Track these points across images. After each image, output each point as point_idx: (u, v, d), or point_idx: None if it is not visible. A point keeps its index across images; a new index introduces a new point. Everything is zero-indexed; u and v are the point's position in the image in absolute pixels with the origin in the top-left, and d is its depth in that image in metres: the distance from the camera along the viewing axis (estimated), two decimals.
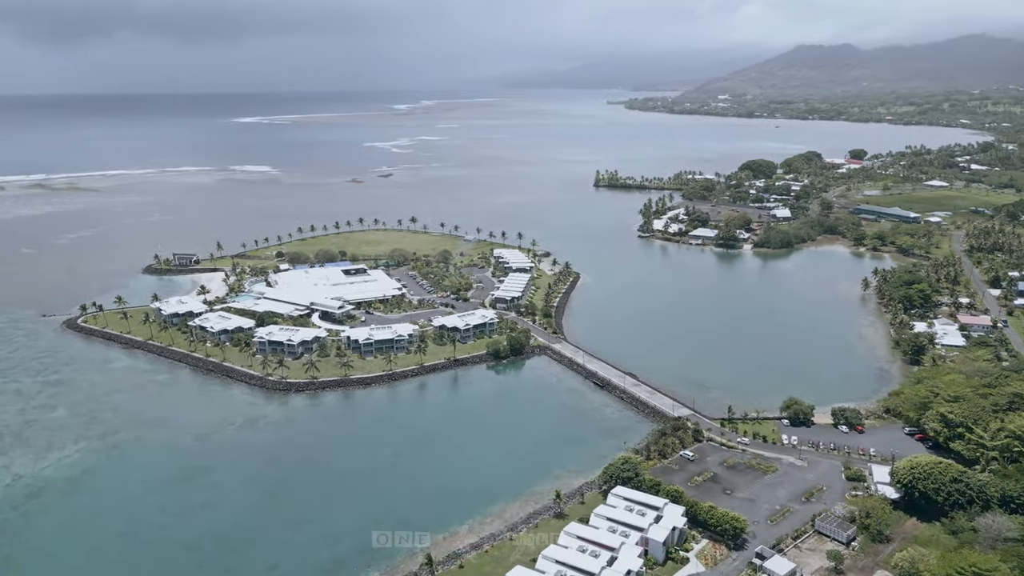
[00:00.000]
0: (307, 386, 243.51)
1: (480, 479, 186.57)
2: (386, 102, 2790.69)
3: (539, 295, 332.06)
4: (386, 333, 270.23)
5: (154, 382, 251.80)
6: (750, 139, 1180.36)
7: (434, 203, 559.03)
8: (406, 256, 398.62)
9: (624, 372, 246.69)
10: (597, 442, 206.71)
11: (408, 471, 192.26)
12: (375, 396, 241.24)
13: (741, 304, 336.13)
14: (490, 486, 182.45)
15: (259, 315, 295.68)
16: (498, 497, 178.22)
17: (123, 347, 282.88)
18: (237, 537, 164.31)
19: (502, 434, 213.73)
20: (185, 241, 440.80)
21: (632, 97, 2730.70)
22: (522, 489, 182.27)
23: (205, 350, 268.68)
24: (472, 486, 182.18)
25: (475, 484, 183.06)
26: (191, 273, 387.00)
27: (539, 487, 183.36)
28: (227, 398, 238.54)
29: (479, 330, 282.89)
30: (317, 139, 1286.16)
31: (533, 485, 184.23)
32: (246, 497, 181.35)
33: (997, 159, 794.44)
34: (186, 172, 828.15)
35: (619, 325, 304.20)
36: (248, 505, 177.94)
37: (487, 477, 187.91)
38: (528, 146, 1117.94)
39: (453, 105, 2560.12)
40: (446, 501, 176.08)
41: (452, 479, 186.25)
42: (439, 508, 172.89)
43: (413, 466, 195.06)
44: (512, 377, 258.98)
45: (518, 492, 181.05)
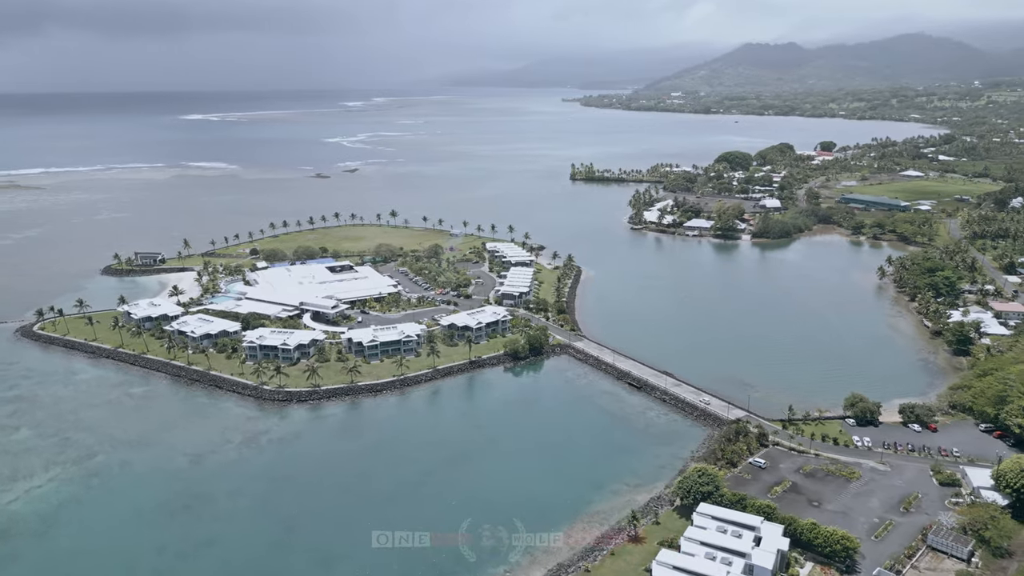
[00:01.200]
0: (309, 395, 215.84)
1: (530, 498, 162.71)
2: (338, 100, 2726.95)
3: (546, 290, 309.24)
4: (392, 334, 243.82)
5: (130, 395, 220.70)
6: (712, 134, 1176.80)
7: (409, 198, 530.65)
8: (393, 252, 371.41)
9: (659, 371, 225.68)
10: (649, 450, 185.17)
11: (443, 492, 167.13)
12: (387, 405, 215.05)
13: (757, 295, 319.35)
14: (544, 506, 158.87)
15: (243, 317, 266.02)
16: (557, 519, 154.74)
17: (89, 356, 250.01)
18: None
19: (541, 444, 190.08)
20: (144, 239, 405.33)
21: (587, 95, 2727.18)
22: (580, 508, 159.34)
23: (187, 357, 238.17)
24: (522, 507, 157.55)
25: (525, 505, 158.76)
26: (157, 273, 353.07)
27: (599, 505, 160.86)
28: (219, 412, 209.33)
29: (491, 329, 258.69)
30: (272, 136, 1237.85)
31: (592, 503, 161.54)
32: (259, 530, 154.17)
33: (963, 150, 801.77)
34: (135, 169, 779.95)
35: (635, 320, 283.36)
36: (262, 539, 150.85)
37: (538, 496, 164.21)
38: (494, 141, 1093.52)
39: (406, 103, 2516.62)
40: (496, 526, 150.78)
41: (496, 500, 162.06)
42: (491, 536, 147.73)
43: (447, 486, 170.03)
44: (535, 379, 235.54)
45: (577, 511, 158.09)
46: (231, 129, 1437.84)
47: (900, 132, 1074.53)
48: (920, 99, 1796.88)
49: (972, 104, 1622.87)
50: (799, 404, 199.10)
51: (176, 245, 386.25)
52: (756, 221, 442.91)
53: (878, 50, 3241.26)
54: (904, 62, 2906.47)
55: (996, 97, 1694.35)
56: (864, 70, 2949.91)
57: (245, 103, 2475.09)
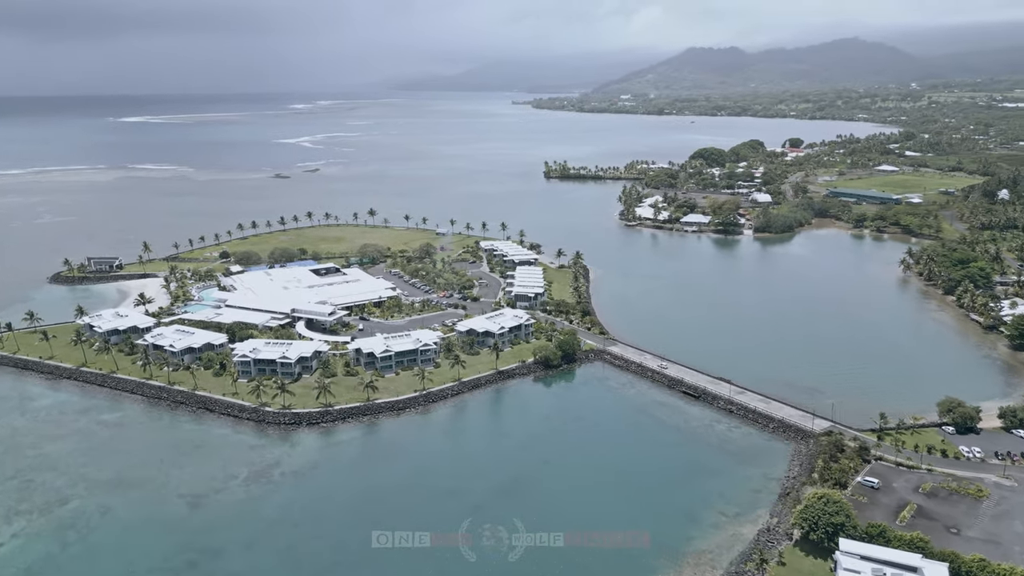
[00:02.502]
0: (321, 417, 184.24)
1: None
2: (282, 103, 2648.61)
3: (558, 290, 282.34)
4: (406, 343, 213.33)
5: (101, 424, 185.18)
6: (672, 133, 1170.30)
7: (382, 197, 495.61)
8: (381, 252, 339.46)
9: (715, 377, 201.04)
10: (734, 471, 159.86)
11: (505, 533, 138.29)
12: (412, 425, 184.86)
13: (781, 292, 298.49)
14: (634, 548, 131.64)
15: (228, 327, 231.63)
16: (655, 563, 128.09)
17: (46, 377, 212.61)
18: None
19: (606, 467, 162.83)
20: (94, 244, 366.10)
21: (537, 98, 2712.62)
22: (680, 546, 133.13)
23: (166, 376, 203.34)
24: (607, 549, 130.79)
25: (611, 547, 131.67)
26: (114, 280, 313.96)
27: (702, 542, 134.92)
28: (214, 440, 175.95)
29: (513, 334, 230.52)
30: (221, 138, 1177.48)
31: (692, 539, 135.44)
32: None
33: (927, 145, 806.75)
34: (74, 171, 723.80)
35: (662, 321, 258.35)
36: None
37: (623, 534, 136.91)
38: (455, 142, 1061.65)
39: (354, 105, 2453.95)
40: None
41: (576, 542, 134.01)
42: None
43: (508, 523, 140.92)
44: (573, 389, 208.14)
45: (677, 552, 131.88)
46: (176, 131, 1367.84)
47: (853, 131, 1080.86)
48: (864, 100, 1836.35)
49: (915, 104, 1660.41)
50: (876, 411, 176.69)
51: (132, 249, 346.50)
52: (754, 216, 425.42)
53: (815, 54, 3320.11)
54: (840, 66, 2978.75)
55: (937, 98, 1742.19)
56: (803, 73, 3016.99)
57: (185, 106, 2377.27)
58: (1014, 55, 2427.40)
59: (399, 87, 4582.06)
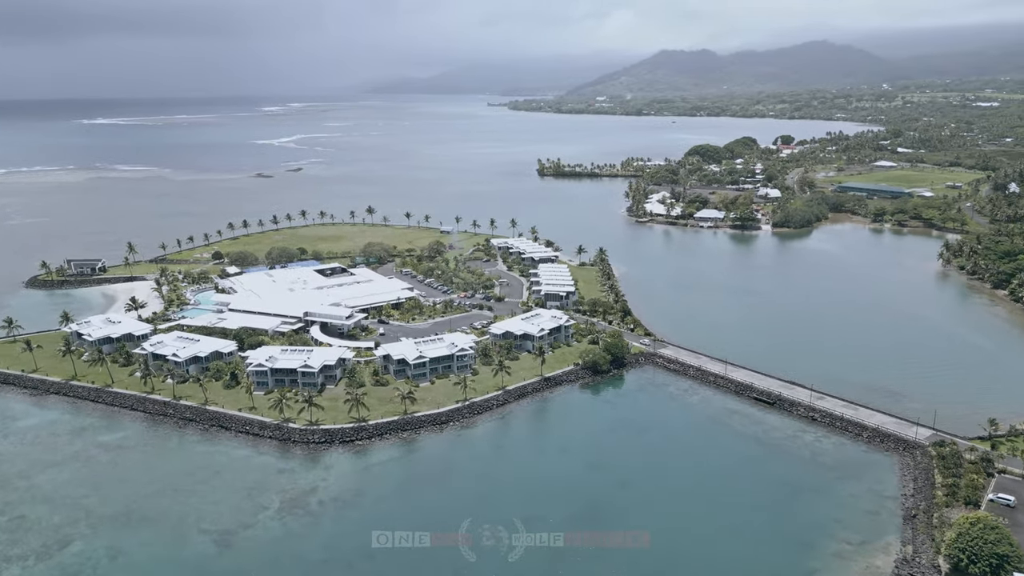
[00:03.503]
0: (354, 434, 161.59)
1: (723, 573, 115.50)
2: (253, 105, 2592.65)
3: (586, 289, 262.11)
4: (440, 347, 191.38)
5: (100, 446, 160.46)
6: (656, 133, 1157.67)
7: (370, 196, 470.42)
8: (387, 251, 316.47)
9: (786, 381, 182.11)
10: (839, 488, 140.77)
11: (600, 572, 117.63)
12: (459, 442, 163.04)
13: (821, 288, 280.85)
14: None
15: (234, 333, 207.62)
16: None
17: (31, 393, 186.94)
18: None
19: (691, 488, 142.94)
20: (71, 246, 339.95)
21: (512, 100, 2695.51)
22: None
23: (171, 389, 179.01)
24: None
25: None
26: (98, 284, 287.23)
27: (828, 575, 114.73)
28: (235, 464, 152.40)
29: (552, 336, 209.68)
30: (193, 139, 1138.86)
31: (816, 572, 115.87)
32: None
33: (919, 142, 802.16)
34: (42, 172, 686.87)
35: (701, 321, 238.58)
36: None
37: (734, 569, 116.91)
38: (438, 142, 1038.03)
39: (328, 107, 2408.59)
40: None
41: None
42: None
43: (602, 562, 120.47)
44: (628, 397, 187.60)
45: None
46: (146, 133, 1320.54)
47: (834, 129, 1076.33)
48: (839, 100, 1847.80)
49: (890, 104, 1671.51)
50: (973, 415, 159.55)
51: (113, 251, 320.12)
52: (768, 211, 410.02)
53: (786, 57, 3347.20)
54: (811, 68, 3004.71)
55: (911, 98, 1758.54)
56: (775, 75, 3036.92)
57: (153, 109, 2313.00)
58: (977, 57, 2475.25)
59: (372, 90, 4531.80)
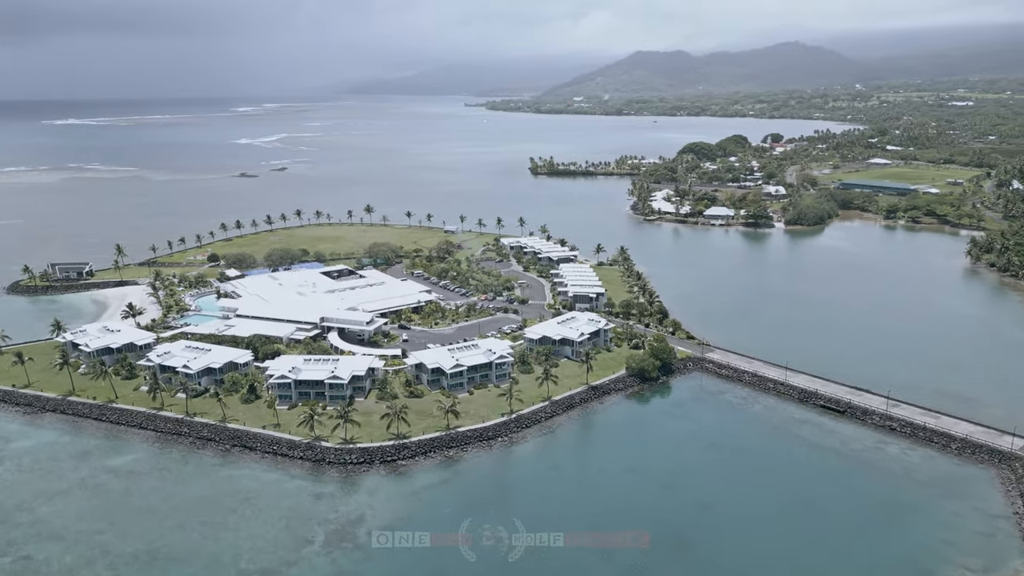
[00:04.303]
0: (396, 452, 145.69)
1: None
2: (226, 106, 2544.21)
3: (611, 289, 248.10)
4: (476, 355, 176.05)
5: (110, 472, 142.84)
6: (639, 132, 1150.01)
7: (366, 195, 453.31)
8: (394, 252, 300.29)
9: (852, 387, 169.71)
10: (938, 507, 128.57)
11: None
12: (510, 459, 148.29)
13: (853, 287, 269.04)
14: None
15: (246, 341, 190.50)
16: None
17: (24, 411, 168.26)
18: None
19: (784, 514, 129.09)
20: (51, 248, 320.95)
21: (489, 100, 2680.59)
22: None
23: (184, 404, 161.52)
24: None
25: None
26: (86, 289, 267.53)
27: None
28: (266, 490, 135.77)
29: (592, 341, 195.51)
30: (170, 139, 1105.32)
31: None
32: None
33: (907, 139, 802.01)
34: (12, 173, 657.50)
35: (741, 322, 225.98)
36: None
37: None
38: (422, 141, 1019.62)
39: (304, 108, 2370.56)
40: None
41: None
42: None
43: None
44: (684, 407, 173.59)
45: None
46: (119, 133, 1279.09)
47: (816, 128, 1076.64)
48: (816, 100, 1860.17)
49: (866, 104, 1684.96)
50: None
51: (98, 253, 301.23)
52: (778, 208, 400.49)
53: (760, 58, 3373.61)
54: (784, 68, 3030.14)
55: (886, 97, 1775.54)
56: (749, 76, 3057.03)
57: (123, 109, 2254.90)
58: (944, 59, 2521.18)
59: (348, 91, 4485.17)
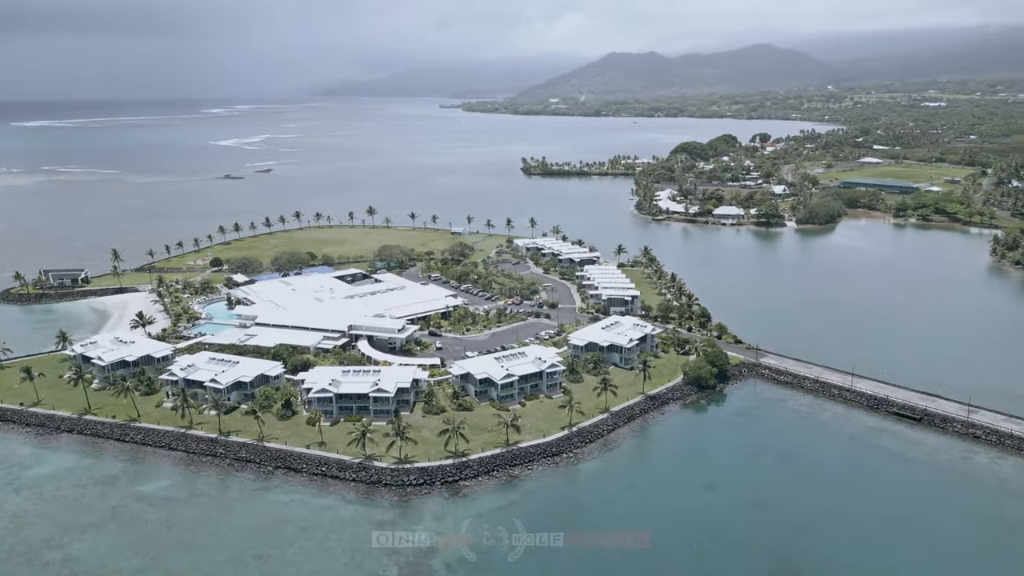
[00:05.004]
0: (457, 472, 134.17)
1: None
2: (196, 108, 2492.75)
3: (642, 293, 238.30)
4: (526, 363, 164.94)
5: (143, 500, 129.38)
6: (621, 132, 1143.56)
7: (355, 196, 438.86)
8: (406, 254, 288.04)
9: (927, 393, 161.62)
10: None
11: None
12: (580, 478, 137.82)
13: (883, 287, 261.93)
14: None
15: (272, 351, 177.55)
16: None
17: (36, 432, 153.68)
18: None
19: (889, 536, 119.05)
20: (40, 254, 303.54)
21: (465, 102, 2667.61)
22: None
23: (217, 423, 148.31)
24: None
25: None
26: (83, 297, 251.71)
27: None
28: (321, 518, 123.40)
29: (639, 348, 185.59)
30: (146, 141, 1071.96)
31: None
32: None
33: (893, 139, 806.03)
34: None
35: (785, 325, 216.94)
36: None
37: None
38: (406, 142, 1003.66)
39: (278, 110, 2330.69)
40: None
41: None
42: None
43: None
44: (748, 417, 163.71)
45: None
46: (92, 135, 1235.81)
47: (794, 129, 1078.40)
48: (791, 101, 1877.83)
49: (840, 105, 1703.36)
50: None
51: (89, 259, 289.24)
52: (787, 207, 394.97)
53: (732, 59, 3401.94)
54: (755, 70, 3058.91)
55: (860, 99, 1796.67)
56: (722, 78, 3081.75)
57: (91, 111, 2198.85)
58: (913, 60, 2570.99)
59: (320, 93, 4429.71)
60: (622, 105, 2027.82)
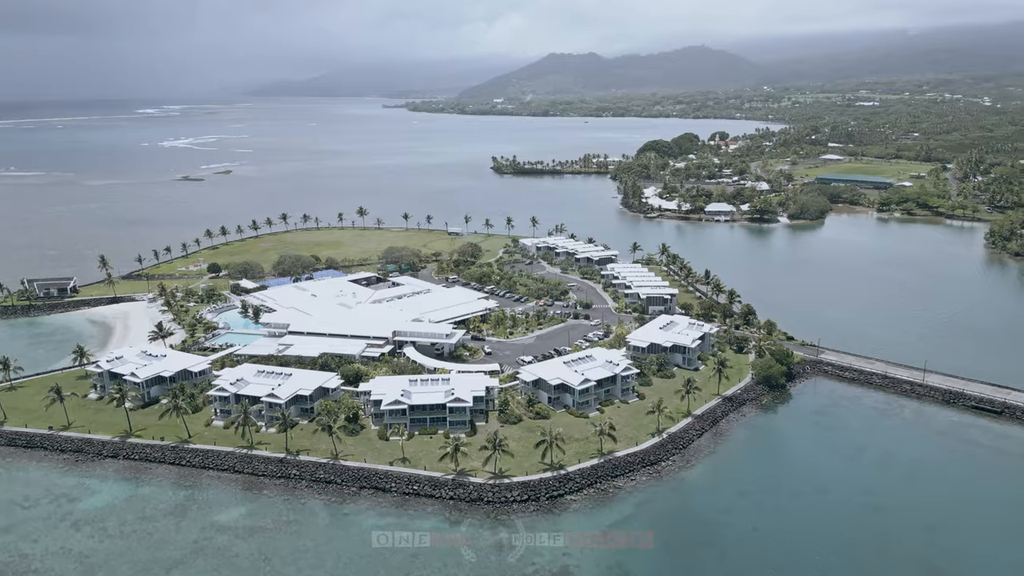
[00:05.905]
0: (559, 486, 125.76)
1: None
2: (126, 108, 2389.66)
3: None
4: (597, 367, 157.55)
5: (225, 530, 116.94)
6: (575, 132, 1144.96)
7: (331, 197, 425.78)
8: (416, 256, 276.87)
9: (1000, 385, 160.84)
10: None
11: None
12: (686, 489, 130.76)
13: (898, 278, 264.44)
14: None
15: (321, 361, 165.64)
16: None
17: (75, 459, 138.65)
18: None
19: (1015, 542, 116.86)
20: (6, 263, 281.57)
21: (409, 101, 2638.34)
22: None
23: (286, 441, 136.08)
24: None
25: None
26: (76, 308, 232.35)
27: None
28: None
29: (699, 348, 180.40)
30: (90, 142, 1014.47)
31: None
32: None
33: (844, 136, 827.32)
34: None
35: (828, 321, 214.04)
36: None
37: None
38: (360, 142, 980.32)
39: (212, 110, 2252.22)
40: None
41: None
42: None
43: None
44: (826, 416, 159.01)
45: None
46: (22, 137, 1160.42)
47: (743, 128, 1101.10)
48: (732, 101, 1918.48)
49: (779, 105, 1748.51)
50: None
51: (69, 266, 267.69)
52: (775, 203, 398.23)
53: (668, 60, 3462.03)
54: (691, 71, 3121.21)
55: (798, 99, 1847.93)
56: (659, 78, 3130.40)
57: (11, 112, 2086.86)
58: (838, 61, 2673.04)
59: (250, 92, 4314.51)
60: (569, 105, 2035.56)
